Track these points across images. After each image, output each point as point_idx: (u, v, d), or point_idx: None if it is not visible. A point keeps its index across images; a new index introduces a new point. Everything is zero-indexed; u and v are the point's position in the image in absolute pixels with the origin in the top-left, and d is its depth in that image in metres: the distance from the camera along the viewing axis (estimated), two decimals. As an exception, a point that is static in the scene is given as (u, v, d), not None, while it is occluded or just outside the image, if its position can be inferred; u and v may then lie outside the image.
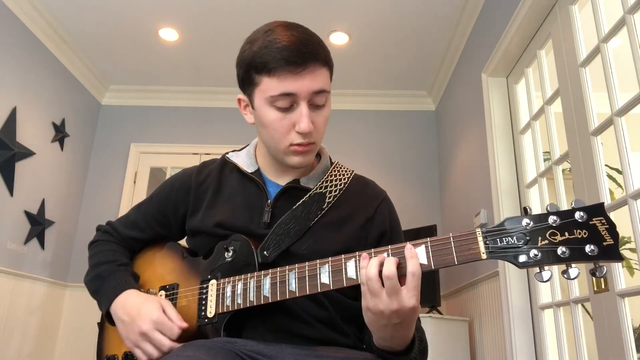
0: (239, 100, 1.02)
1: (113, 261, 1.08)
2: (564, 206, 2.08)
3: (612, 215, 1.74)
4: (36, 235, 3.35)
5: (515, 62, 2.61)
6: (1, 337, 3.04)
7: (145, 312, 0.95)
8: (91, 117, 4.12)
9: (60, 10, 3.27)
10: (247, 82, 0.95)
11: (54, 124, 3.56)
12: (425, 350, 0.91)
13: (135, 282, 1.07)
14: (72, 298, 3.73)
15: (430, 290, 3.02)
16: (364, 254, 0.81)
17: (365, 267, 0.78)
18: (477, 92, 2.95)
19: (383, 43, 3.51)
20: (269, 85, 0.90)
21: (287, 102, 0.91)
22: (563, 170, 2.16)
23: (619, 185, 3.11)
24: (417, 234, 3.24)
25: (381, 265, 0.77)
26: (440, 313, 3.02)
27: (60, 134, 3.62)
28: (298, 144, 0.94)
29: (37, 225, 3.36)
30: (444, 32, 3.36)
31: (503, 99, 2.74)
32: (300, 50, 0.89)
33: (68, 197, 3.77)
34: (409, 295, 0.76)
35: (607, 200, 1.76)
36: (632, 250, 3.16)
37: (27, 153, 3.24)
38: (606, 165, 1.87)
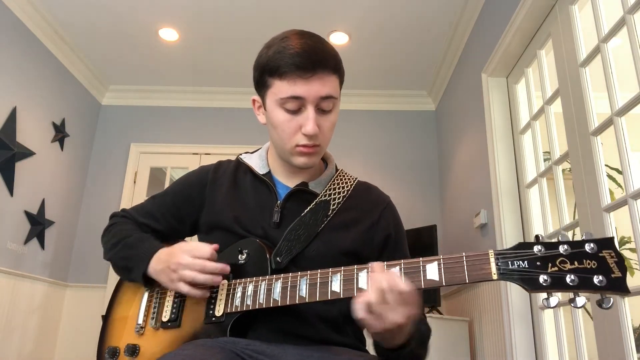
0: (254, 100, 1.08)
1: (137, 233, 1.11)
2: (565, 207, 2.08)
3: (612, 215, 1.74)
4: (36, 235, 3.35)
5: (515, 62, 2.61)
6: (1, 337, 3.04)
7: (177, 249, 0.98)
8: (91, 117, 4.12)
9: (60, 10, 3.27)
10: (261, 84, 1.01)
11: (54, 124, 3.56)
12: (426, 340, 0.94)
13: (163, 245, 1.09)
14: (72, 298, 3.73)
15: (431, 290, 3.02)
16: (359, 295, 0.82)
17: (362, 302, 0.79)
18: (477, 92, 2.95)
19: (383, 43, 3.51)
20: (280, 88, 0.96)
21: (296, 105, 0.96)
22: (563, 170, 2.16)
23: (619, 185, 3.11)
24: (417, 234, 3.24)
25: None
26: (440, 313, 3.03)
27: (60, 134, 3.62)
28: (304, 145, 0.99)
29: (37, 225, 3.36)
30: (444, 32, 3.36)
31: (503, 99, 2.74)
32: (310, 57, 0.95)
33: (68, 197, 3.77)
34: (406, 308, 0.78)
35: (607, 200, 1.76)
36: (632, 250, 3.16)
37: (27, 153, 3.24)
38: (606, 165, 1.87)
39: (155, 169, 4.18)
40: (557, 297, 0.76)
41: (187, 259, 0.95)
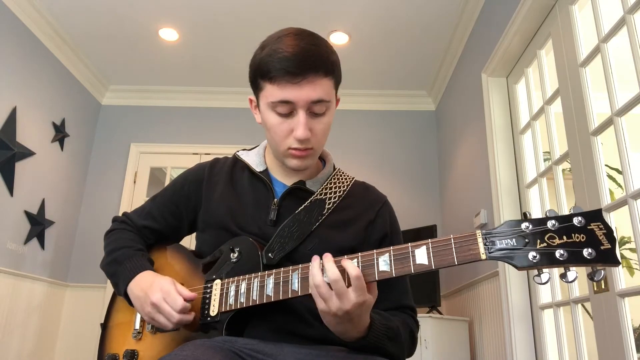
0: (250, 100, 1.07)
1: (129, 247, 1.11)
2: (565, 206, 2.08)
3: (612, 215, 1.74)
4: (36, 235, 3.35)
5: (515, 62, 2.61)
6: (1, 337, 3.04)
7: (156, 285, 0.98)
8: (91, 117, 4.12)
9: (61, 11, 3.27)
10: (254, 85, 1.01)
11: (54, 124, 3.56)
12: (395, 337, 0.93)
13: (151, 265, 1.09)
14: (72, 298, 3.74)
15: (430, 290, 3.02)
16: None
17: (311, 275, 0.83)
18: (477, 92, 2.95)
19: (383, 43, 3.51)
20: (271, 92, 0.95)
21: (286, 109, 0.96)
22: (563, 170, 2.16)
23: (619, 185, 3.11)
24: (417, 234, 3.24)
25: (323, 270, 0.83)
26: (440, 313, 3.02)
27: (60, 134, 3.62)
28: (295, 149, 0.98)
29: (37, 225, 3.36)
30: (444, 32, 3.36)
31: (503, 99, 2.74)
32: (301, 61, 0.92)
33: (68, 197, 3.77)
34: (356, 295, 0.80)
35: (607, 200, 1.76)
36: (632, 250, 3.16)
37: (27, 153, 3.24)
38: (606, 165, 1.87)
39: (155, 169, 4.18)
40: (548, 274, 0.75)
41: (163, 306, 0.95)
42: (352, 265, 0.81)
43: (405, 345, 0.97)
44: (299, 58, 0.93)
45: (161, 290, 0.96)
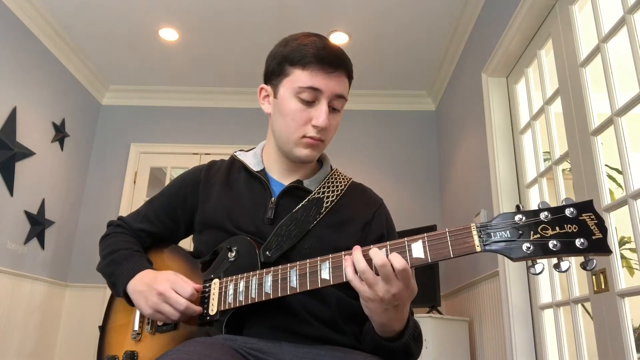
0: (261, 89, 1.09)
1: (127, 248, 1.11)
2: (564, 206, 2.08)
3: (612, 215, 1.74)
4: (36, 235, 3.35)
5: (515, 62, 2.61)
6: (1, 337, 3.04)
7: (161, 277, 1.00)
8: (91, 117, 4.12)
9: (60, 10, 3.27)
10: (277, 73, 1.04)
11: (54, 124, 3.56)
12: (419, 338, 0.94)
13: (150, 265, 1.10)
14: (72, 298, 3.74)
15: (430, 290, 3.02)
16: (346, 256, 0.85)
17: (350, 265, 0.83)
18: (477, 92, 2.95)
19: (383, 43, 3.51)
20: (300, 77, 0.99)
21: (311, 97, 0.99)
22: (563, 170, 2.16)
23: (619, 185, 3.11)
24: (417, 234, 3.23)
25: (367, 257, 0.82)
26: (440, 313, 3.02)
27: (60, 134, 3.62)
28: (311, 137, 1.01)
29: (37, 225, 3.36)
30: (444, 32, 3.36)
31: (503, 99, 2.74)
32: (335, 55, 1.01)
33: (68, 197, 3.77)
34: (403, 281, 0.81)
35: (607, 200, 1.76)
36: (632, 250, 3.16)
37: (27, 153, 3.24)
38: (606, 165, 1.87)
39: (155, 169, 4.18)
40: (542, 264, 0.76)
41: (170, 293, 0.96)
42: (396, 258, 0.81)
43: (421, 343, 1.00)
44: (334, 53, 1.00)
45: (168, 280, 0.97)
